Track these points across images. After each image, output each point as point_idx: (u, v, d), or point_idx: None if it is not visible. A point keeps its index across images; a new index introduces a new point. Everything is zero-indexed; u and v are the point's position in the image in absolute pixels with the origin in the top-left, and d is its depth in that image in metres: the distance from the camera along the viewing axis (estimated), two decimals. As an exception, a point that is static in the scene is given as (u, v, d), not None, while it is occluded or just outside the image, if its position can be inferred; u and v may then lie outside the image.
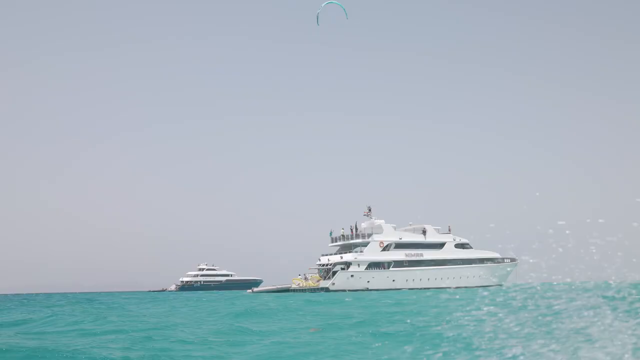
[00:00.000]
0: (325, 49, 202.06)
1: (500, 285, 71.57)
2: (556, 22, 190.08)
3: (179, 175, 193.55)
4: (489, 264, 70.61)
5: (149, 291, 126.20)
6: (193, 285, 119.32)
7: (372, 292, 55.65)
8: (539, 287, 8.79)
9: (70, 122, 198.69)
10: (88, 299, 48.09)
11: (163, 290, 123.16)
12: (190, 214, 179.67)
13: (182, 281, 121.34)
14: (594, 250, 8.17)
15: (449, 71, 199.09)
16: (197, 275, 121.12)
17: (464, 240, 69.77)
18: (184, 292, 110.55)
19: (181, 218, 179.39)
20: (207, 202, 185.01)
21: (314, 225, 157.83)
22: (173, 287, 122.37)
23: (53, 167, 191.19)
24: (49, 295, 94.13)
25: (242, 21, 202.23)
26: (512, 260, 73.19)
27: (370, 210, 67.23)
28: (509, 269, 73.07)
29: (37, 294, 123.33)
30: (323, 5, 27.59)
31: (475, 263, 69.48)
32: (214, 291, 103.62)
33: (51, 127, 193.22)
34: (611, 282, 8.17)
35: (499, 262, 71.55)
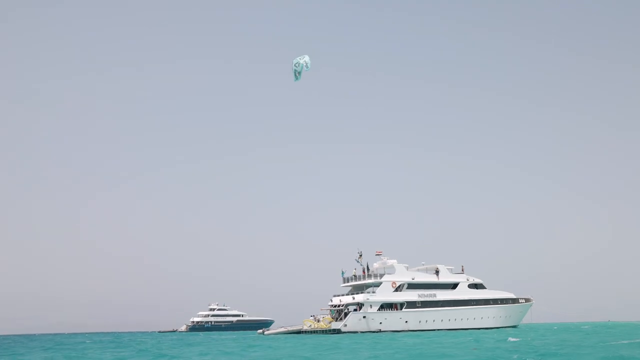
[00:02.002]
0: (338, 77, 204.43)
1: (515, 326, 70.35)
2: (575, 53, 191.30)
3: (190, 214, 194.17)
4: (504, 305, 69.49)
5: (160, 332, 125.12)
6: (204, 325, 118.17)
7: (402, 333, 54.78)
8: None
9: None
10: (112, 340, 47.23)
11: (174, 331, 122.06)
12: (201, 253, 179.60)
13: (193, 321, 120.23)
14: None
15: (458, 103, 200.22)
16: (207, 316, 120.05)
17: (477, 280, 68.90)
18: (195, 332, 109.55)
19: (192, 256, 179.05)
20: (219, 240, 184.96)
21: (326, 265, 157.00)
22: (184, 328, 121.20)
23: (54, 206, 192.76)
24: (58, 336, 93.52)
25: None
26: (527, 300, 72.09)
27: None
28: (524, 309, 71.87)
29: (42, 334, 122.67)
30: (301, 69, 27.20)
31: (490, 304, 68.39)
32: (225, 332, 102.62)
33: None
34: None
35: (513, 303, 70.43)
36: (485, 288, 69.20)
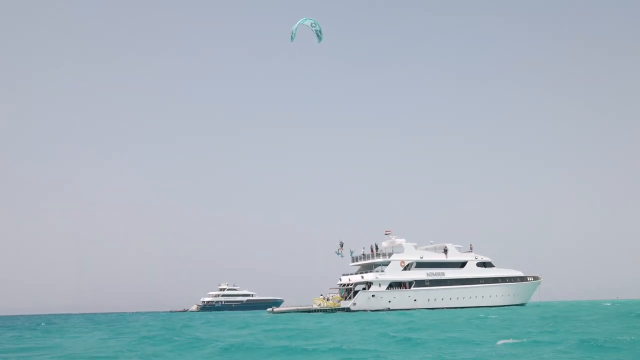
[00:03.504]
0: (351, 63, 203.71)
1: (524, 304, 70.72)
2: (580, 41, 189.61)
3: (202, 196, 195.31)
4: (512, 283, 69.72)
5: (171, 312, 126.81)
6: (214, 305, 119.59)
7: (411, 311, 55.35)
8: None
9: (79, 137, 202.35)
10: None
11: (185, 311, 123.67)
12: (211, 234, 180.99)
13: (204, 301, 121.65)
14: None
15: (464, 90, 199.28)
16: (218, 296, 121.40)
17: (485, 259, 69.10)
18: (205, 312, 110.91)
19: (202, 238, 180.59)
20: (229, 222, 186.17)
21: (334, 245, 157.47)
22: (194, 308, 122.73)
23: (58, 186, 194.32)
24: (76, 316, 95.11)
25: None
26: (535, 278, 72.25)
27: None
28: (532, 287, 72.08)
29: (62, 315, 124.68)
30: (297, 24, 27.72)
31: (498, 282, 68.66)
32: (235, 311, 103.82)
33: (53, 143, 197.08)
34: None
35: (522, 281, 70.64)
36: (493, 266, 69.43)
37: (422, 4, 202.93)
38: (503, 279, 69.25)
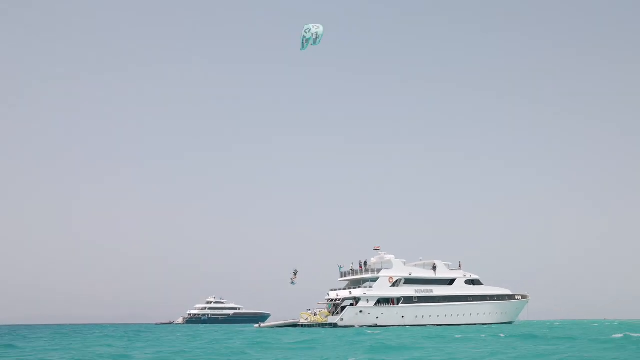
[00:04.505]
0: (332, 74, 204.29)
1: (511, 322, 70.61)
2: (569, 50, 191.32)
3: (190, 207, 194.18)
4: (500, 301, 69.66)
5: (156, 324, 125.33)
6: (201, 318, 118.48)
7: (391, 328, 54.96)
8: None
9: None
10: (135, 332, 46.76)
11: (170, 323, 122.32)
12: (199, 247, 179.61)
13: (190, 314, 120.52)
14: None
15: (453, 100, 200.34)
16: (204, 309, 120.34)
17: (474, 277, 69.03)
18: (192, 324, 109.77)
19: (190, 251, 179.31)
20: (216, 234, 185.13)
21: (323, 260, 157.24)
22: (180, 320, 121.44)
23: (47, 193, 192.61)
24: (55, 327, 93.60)
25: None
26: (523, 297, 72.22)
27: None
28: (520, 306, 72.03)
29: (37, 325, 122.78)
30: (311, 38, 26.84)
31: (486, 300, 68.57)
32: (222, 324, 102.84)
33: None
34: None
35: (509, 299, 70.59)
36: (482, 284, 69.35)
37: (418, 6, 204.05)
38: (491, 297, 69.18)
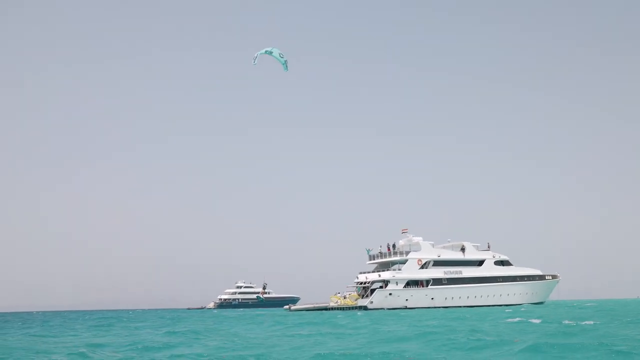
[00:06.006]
0: (362, 66, 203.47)
1: (542, 303, 70.22)
2: (581, 44, 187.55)
3: (219, 196, 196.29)
4: (530, 282, 69.25)
5: (188, 309, 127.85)
6: (231, 302, 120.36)
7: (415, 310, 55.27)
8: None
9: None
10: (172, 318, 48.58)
11: (202, 308, 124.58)
12: (229, 233, 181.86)
13: (221, 299, 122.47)
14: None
15: (479, 92, 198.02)
16: (235, 293, 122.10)
17: (503, 257, 68.69)
18: (222, 309, 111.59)
19: (221, 238, 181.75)
20: (245, 220, 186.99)
21: (352, 243, 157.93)
22: (212, 305, 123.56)
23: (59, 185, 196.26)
24: (95, 313, 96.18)
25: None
26: (554, 277, 71.71)
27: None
28: (550, 286, 71.56)
29: (80, 311, 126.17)
30: (259, 54, 28.28)
31: (516, 280, 68.24)
32: (252, 309, 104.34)
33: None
34: None
35: (540, 279, 70.14)
36: (511, 265, 68.99)
37: (420, 3, 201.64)
38: (521, 278, 68.79)
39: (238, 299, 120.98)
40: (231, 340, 18.77)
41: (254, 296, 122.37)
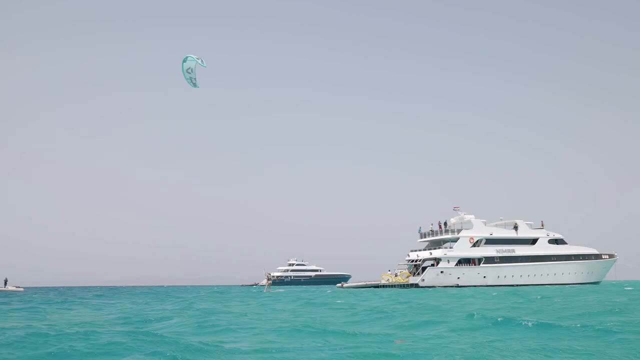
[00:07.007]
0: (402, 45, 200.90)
1: (598, 282, 69.00)
2: (573, 30, 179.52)
3: (270, 175, 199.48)
4: (585, 261, 67.96)
5: (242, 285, 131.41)
6: (284, 279, 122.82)
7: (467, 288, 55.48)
8: None
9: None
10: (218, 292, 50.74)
11: (255, 285, 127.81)
12: (281, 212, 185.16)
13: (273, 276, 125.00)
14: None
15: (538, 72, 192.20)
16: (287, 270, 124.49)
17: (557, 236, 67.60)
18: (275, 286, 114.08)
19: (272, 216, 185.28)
20: (297, 200, 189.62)
21: (403, 222, 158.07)
22: (264, 282, 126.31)
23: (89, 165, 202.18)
24: (145, 288, 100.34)
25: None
26: (611, 256, 70.08)
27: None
28: (607, 265, 70.02)
29: (133, 287, 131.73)
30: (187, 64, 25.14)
31: (571, 259, 67.13)
32: (304, 286, 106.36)
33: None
34: None
35: (596, 259, 68.70)
36: (566, 243, 67.82)
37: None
38: (576, 257, 67.57)
39: (290, 276, 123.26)
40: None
41: (306, 274, 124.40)
